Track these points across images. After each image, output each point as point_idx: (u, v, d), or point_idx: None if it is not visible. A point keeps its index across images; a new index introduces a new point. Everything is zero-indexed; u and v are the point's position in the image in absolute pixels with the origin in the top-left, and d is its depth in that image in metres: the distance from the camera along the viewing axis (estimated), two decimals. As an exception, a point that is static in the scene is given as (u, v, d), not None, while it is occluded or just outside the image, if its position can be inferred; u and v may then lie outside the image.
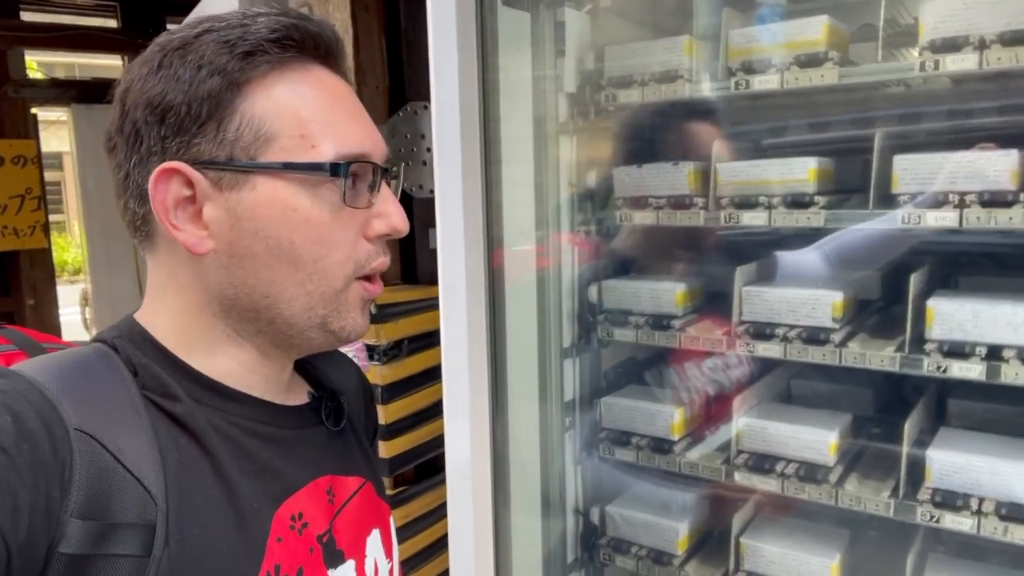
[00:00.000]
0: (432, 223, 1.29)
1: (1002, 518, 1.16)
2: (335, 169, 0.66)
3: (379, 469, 0.89)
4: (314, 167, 0.66)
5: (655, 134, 1.49)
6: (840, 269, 1.46)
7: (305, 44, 0.68)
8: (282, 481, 0.71)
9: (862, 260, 1.49)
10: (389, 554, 0.84)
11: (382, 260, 0.72)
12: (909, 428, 1.29)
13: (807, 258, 1.42)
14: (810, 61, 1.24)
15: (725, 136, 1.42)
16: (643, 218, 1.43)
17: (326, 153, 0.67)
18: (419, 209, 1.99)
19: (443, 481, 1.36)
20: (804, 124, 1.49)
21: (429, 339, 1.85)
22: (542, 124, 1.43)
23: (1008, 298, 1.19)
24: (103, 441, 0.59)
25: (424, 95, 1.87)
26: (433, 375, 1.88)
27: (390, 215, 0.71)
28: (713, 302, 1.56)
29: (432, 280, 1.36)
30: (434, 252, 1.31)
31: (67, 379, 0.62)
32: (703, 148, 1.39)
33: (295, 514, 0.70)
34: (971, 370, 1.17)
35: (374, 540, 0.81)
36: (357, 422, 0.87)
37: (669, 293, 1.46)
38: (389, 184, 0.74)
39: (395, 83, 2.00)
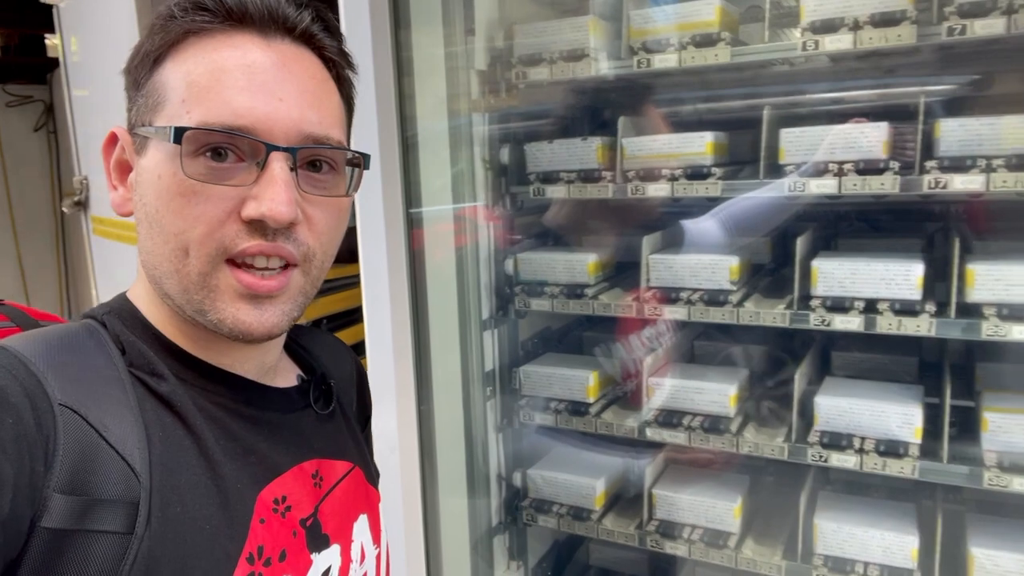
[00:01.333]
0: (349, 201, 1.30)
1: (881, 454, 1.30)
2: (176, 135, 0.61)
3: (370, 455, 0.88)
4: (161, 131, 0.63)
5: (565, 110, 1.55)
6: (733, 235, 1.58)
7: (219, 11, 0.64)
8: (266, 463, 0.69)
9: (753, 226, 1.61)
10: (377, 540, 0.82)
11: (254, 244, 0.63)
12: (799, 378, 1.42)
13: (706, 225, 1.52)
14: (705, 41, 1.32)
15: (629, 112, 1.49)
16: (555, 192, 1.49)
17: (192, 120, 0.62)
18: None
19: (370, 454, 1.39)
20: (700, 100, 1.59)
21: (349, 317, 1.86)
22: (456, 101, 1.46)
23: (881, 256, 1.32)
24: (87, 417, 0.58)
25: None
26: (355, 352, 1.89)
27: (263, 198, 0.62)
28: (624, 270, 1.65)
29: (350, 259, 1.37)
30: (352, 230, 1.32)
31: (54, 355, 0.61)
32: (611, 124, 1.46)
33: (278, 497, 0.69)
34: (851, 322, 1.29)
35: (361, 525, 0.79)
36: (348, 407, 0.86)
37: (582, 263, 1.53)
38: (326, 165, 0.68)
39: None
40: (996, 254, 1.26)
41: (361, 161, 0.71)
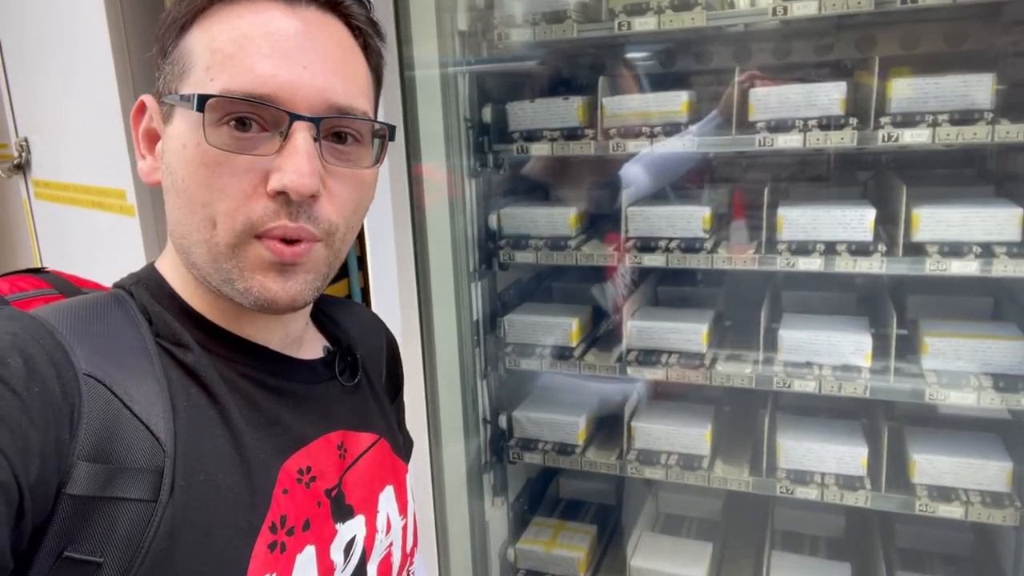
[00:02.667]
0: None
1: (837, 378, 1.48)
2: (199, 103, 0.60)
3: (398, 427, 0.88)
4: (187, 99, 0.62)
5: (547, 71, 1.62)
6: (702, 187, 1.71)
7: None
8: (291, 434, 0.69)
9: (719, 178, 1.75)
10: (403, 511, 0.83)
11: (279, 225, 0.62)
12: (763, 315, 1.57)
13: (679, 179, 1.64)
14: (683, 5, 1.41)
15: (608, 72, 1.57)
16: (539, 150, 1.57)
17: (215, 88, 0.61)
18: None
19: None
20: (675, 61, 1.69)
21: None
22: (442, 60, 1.51)
23: (838, 203, 1.47)
24: (112, 387, 0.59)
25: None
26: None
27: (285, 170, 0.61)
28: (596, 222, 1.76)
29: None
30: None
31: (80, 324, 0.61)
32: (591, 84, 1.54)
33: (303, 467, 0.69)
34: (813, 263, 1.45)
35: (387, 496, 0.80)
36: (376, 379, 0.86)
37: (564, 216, 1.63)
38: (343, 137, 0.66)
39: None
40: (933, 198, 1.43)
41: (387, 132, 0.69)
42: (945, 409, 1.57)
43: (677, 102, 1.49)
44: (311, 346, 0.79)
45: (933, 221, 1.37)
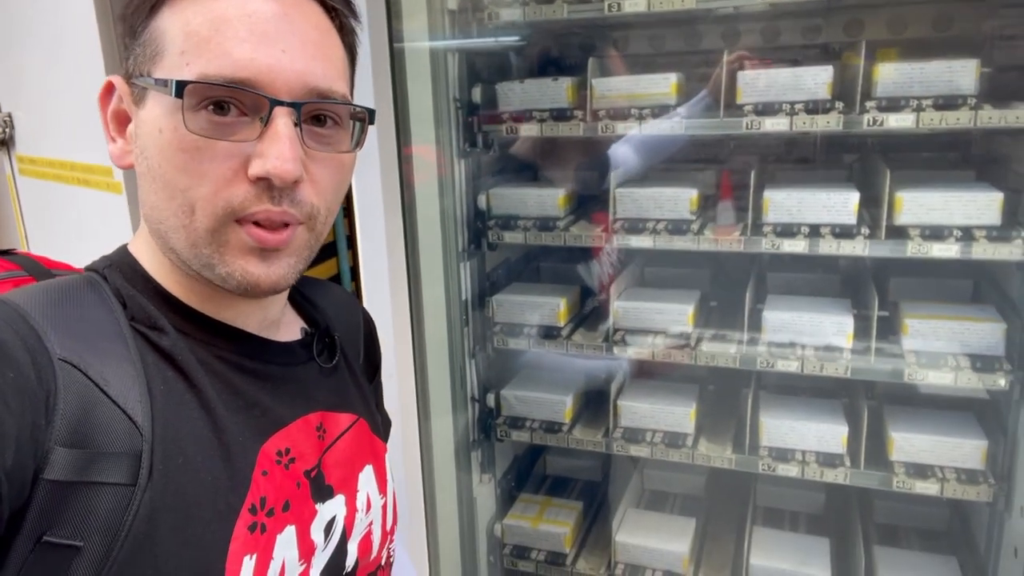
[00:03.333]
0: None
1: (819, 358, 1.51)
2: (178, 89, 0.60)
3: (376, 406, 0.89)
4: (163, 84, 0.61)
5: (537, 51, 1.62)
6: (687, 169, 1.73)
7: None
8: (269, 416, 0.70)
9: (706, 160, 1.76)
10: (383, 490, 0.83)
11: (261, 209, 0.62)
12: (748, 296, 1.59)
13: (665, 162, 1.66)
14: (673, -14, 1.42)
15: (598, 53, 1.58)
16: (528, 130, 1.57)
17: (192, 73, 0.60)
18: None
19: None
20: (664, 43, 1.69)
21: (320, 252, 1.90)
22: (436, 36, 1.50)
23: (823, 186, 1.49)
24: (87, 372, 0.58)
25: None
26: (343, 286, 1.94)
27: (268, 156, 0.61)
28: (584, 203, 1.77)
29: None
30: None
31: (54, 308, 0.61)
32: (580, 65, 1.54)
33: (282, 449, 0.70)
34: (797, 245, 1.47)
35: (367, 476, 0.81)
36: (354, 360, 0.86)
37: (553, 197, 1.64)
38: (325, 121, 0.66)
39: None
40: (916, 182, 1.45)
41: (366, 116, 0.69)
42: (923, 389, 1.60)
43: (666, 84, 1.50)
44: (289, 328, 0.79)
45: (915, 204, 1.39)
